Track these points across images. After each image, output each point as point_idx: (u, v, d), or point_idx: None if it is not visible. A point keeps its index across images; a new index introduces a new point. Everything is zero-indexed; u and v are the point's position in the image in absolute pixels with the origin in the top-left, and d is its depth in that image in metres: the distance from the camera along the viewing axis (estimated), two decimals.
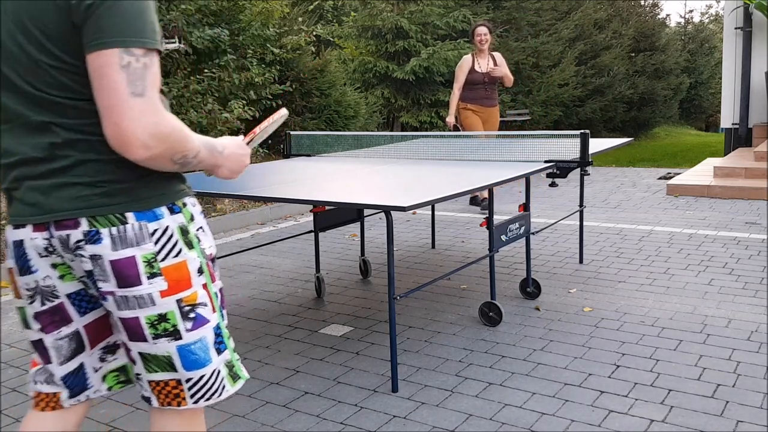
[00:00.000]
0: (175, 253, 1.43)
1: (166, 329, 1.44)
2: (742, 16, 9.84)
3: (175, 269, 1.43)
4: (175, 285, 1.43)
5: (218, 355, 1.52)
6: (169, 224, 1.43)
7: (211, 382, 1.51)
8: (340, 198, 2.79)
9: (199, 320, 1.47)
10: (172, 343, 1.46)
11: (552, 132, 4.39)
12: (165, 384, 1.49)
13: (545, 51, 13.27)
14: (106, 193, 1.38)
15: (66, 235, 1.40)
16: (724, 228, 5.81)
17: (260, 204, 6.97)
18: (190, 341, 1.47)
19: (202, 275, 1.49)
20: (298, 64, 9.15)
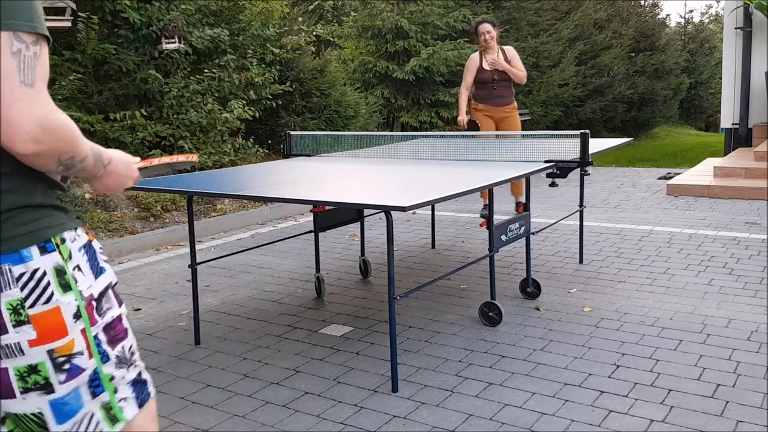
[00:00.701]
0: (46, 298, 1.26)
1: (36, 382, 1.28)
2: (742, 16, 9.84)
3: (45, 317, 1.26)
4: (45, 334, 1.26)
5: (92, 399, 1.36)
6: (39, 266, 1.25)
7: (84, 426, 1.35)
8: (340, 198, 2.79)
9: (73, 371, 1.31)
10: (43, 398, 1.29)
11: (552, 132, 4.39)
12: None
13: (545, 51, 13.27)
14: None
15: None
16: (724, 228, 5.81)
17: (260, 204, 6.97)
18: (63, 393, 1.31)
19: (79, 320, 1.31)
20: (298, 64, 9.15)
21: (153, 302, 4.24)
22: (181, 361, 3.29)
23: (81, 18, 6.55)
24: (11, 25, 1.16)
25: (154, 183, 3.47)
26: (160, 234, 5.90)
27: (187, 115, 7.11)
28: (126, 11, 6.87)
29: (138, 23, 6.98)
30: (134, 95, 7.21)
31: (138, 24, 6.99)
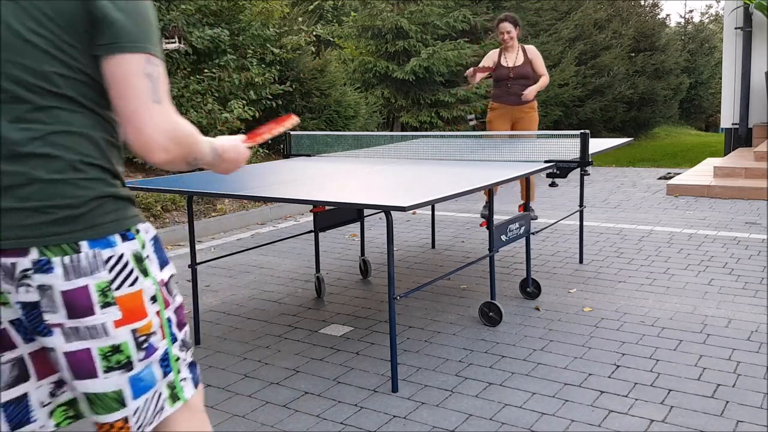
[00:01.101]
0: (131, 281, 1.37)
1: (119, 361, 1.38)
2: (742, 16, 9.84)
3: (130, 299, 1.37)
4: (129, 315, 1.37)
5: (163, 378, 1.46)
6: (123, 252, 1.37)
7: (153, 403, 1.45)
8: (340, 198, 2.79)
9: (149, 350, 1.42)
10: (123, 375, 1.39)
11: (552, 132, 4.39)
12: (110, 426, 1.43)
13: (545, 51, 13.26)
14: (58, 221, 1.30)
15: (11, 263, 1.31)
16: (724, 228, 5.81)
17: (260, 204, 6.97)
18: (140, 370, 1.41)
19: (155, 303, 1.43)
20: (298, 64, 9.14)
21: None
22: None
23: None
24: (145, 48, 1.32)
25: (154, 183, 3.47)
26: (160, 234, 5.91)
27: (187, 115, 7.11)
28: None
29: None
30: None
31: None
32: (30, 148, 1.28)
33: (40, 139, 1.29)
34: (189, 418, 1.53)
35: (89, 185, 1.33)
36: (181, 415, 1.52)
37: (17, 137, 1.28)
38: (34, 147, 1.28)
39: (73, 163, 1.31)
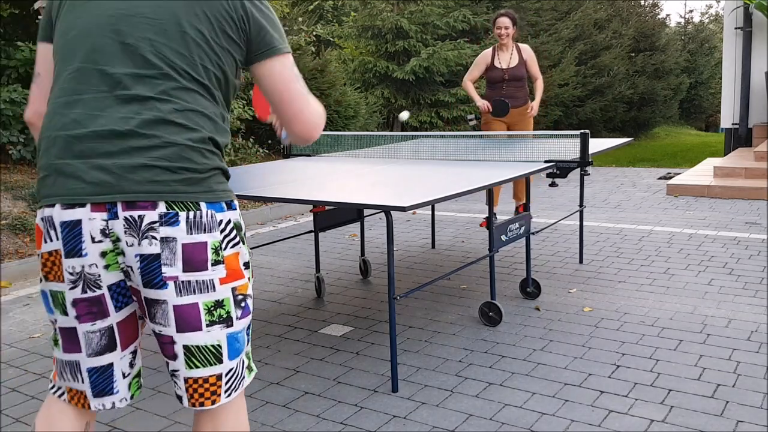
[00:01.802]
0: (234, 244, 1.53)
1: (221, 316, 1.51)
2: (742, 16, 9.84)
3: (233, 259, 1.52)
4: (231, 273, 1.51)
5: (246, 345, 1.60)
6: (231, 217, 1.53)
7: (240, 369, 1.57)
8: (340, 198, 2.79)
9: (246, 309, 1.56)
10: (224, 331, 1.52)
11: (552, 132, 4.39)
12: (204, 381, 1.52)
13: (545, 51, 13.26)
14: (185, 180, 1.45)
15: (139, 216, 1.43)
16: (724, 228, 5.81)
17: (260, 204, 6.97)
18: (238, 329, 1.54)
19: (248, 269, 1.58)
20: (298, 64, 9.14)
21: None
22: None
23: None
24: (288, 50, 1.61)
25: None
26: None
27: None
28: None
29: None
30: None
31: None
32: (172, 117, 1.45)
33: (181, 112, 1.47)
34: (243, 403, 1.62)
35: (211, 157, 1.50)
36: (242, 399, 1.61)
37: (162, 107, 1.45)
38: (174, 116, 1.46)
39: (204, 137, 1.49)
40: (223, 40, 1.52)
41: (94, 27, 1.48)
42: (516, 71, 5.81)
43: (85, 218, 1.43)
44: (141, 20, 1.47)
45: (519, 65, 5.83)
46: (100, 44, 1.47)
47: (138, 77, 1.44)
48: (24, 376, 3.15)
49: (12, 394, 2.97)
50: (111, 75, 1.45)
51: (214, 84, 1.53)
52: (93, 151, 1.42)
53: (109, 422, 2.67)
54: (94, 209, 1.43)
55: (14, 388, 3.03)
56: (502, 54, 5.85)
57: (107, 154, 1.41)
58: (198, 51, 1.49)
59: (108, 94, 1.44)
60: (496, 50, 5.88)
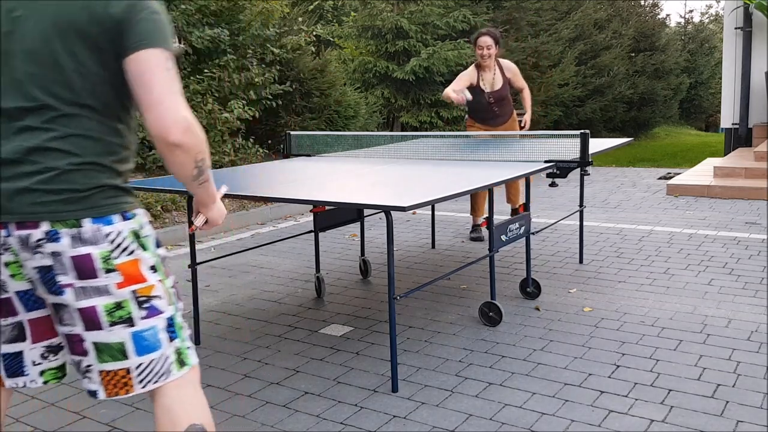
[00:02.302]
0: (128, 252, 1.61)
1: (121, 317, 1.60)
2: (742, 16, 9.84)
3: (129, 266, 1.61)
4: (129, 278, 1.60)
5: (169, 342, 1.67)
6: (122, 229, 1.61)
7: (159, 365, 1.66)
8: (340, 198, 2.79)
9: (152, 310, 1.64)
10: (126, 330, 1.61)
11: (552, 132, 4.39)
12: (114, 374, 1.64)
13: (545, 51, 13.26)
14: (66, 200, 1.56)
15: (26, 234, 1.56)
16: (724, 228, 5.81)
17: (260, 204, 6.97)
18: (142, 328, 1.63)
19: (156, 272, 1.66)
20: (298, 64, 9.14)
21: None
22: None
23: None
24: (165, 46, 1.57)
25: (154, 183, 3.47)
26: (160, 234, 5.91)
27: None
28: None
29: None
30: None
31: None
32: (53, 144, 1.55)
33: (62, 139, 1.55)
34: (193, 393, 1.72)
35: (95, 176, 1.58)
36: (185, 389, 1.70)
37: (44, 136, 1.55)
38: (56, 144, 1.55)
39: (84, 161, 1.57)
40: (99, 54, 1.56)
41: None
42: (501, 92, 5.64)
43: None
44: (24, 56, 1.55)
45: (503, 86, 5.65)
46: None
47: (26, 110, 1.55)
48: None
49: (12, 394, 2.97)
50: (5, 109, 1.57)
51: (100, 101, 1.58)
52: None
53: (109, 422, 2.67)
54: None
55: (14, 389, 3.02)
56: (485, 74, 5.62)
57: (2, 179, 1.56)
58: (75, 75, 1.55)
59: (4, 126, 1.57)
60: (479, 70, 5.63)
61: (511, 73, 5.74)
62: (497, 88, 5.62)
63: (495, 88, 5.62)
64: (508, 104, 5.80)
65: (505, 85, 5.67)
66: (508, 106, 5.81)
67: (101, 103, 1.59)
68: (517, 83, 5.80)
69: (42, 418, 2.73)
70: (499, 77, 5.65)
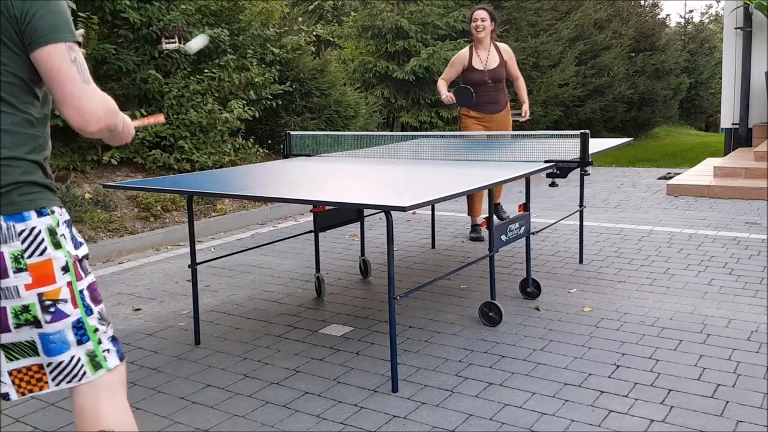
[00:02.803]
0: (41, 251, 1.58)
1: (27, 319, 1.59)
2: (742, 16, 9.83)
3: (40, 266, 1.58)
4: (39, 280, 1.58)
5: (78, 345, 1.65)
6: (36, 225, 1.58)
7: (71, 367, 1.64)
8: (340, 198, 2.79)
9: (58, 314, 1.62)
10: (34, 330, 1.60)
11: (552, 132, 4.39)
12: (27, 369, 1.64)
13: (545, 51, 13.25)
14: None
15: None
16: (724, 228, 5.81)
17: (260, 204, 6.97)
18: (49, 331, 1.61)
19: (67, 273, 1.63)
20: (298, 64, 9.14)
21: (153, 302, 4.24)
22: (181, 361, 3.29)
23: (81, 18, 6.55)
24: (65, 38, 1.56)
25: (154, 183, 3.47)
26: (160, 234, 5.91)
27: (187, 115, 7.11)
28: (126, 11, 6.87)
29: (138, 23, 6.98)
30: (134, 95, 7.20)
31: (138, 24, 6.99)
32: None
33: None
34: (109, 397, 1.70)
35: (10, 172, 1.56)
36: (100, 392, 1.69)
37: None
38: None
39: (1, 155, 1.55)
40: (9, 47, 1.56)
41: None
42: (497, 72, 5.47)
43: None
44: None
45: (500, 66, 5.49)
46: None
47: None
48: None
49: None
50: None
51: (14, 94, 1.57)
52: None
53: None
54: None
55: None
56: (481, 53, 5.44)
57: None
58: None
59: None
60: (474, 49, 5.48)
61: (508, 56, 5.60)
62: (492, 67, 5.46)
63: (489, 67, 5.45)
64: (503, 92, 5.64)
65: (501, 66, 5.52)
66: (503, 93, 5.63)
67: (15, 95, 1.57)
68: (512, 70, 5.64)
69: (42, 418, 2.73)
70: (495, 56, 5.49)
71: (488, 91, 5.50)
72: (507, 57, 5.59)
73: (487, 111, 5.57)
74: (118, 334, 3.69)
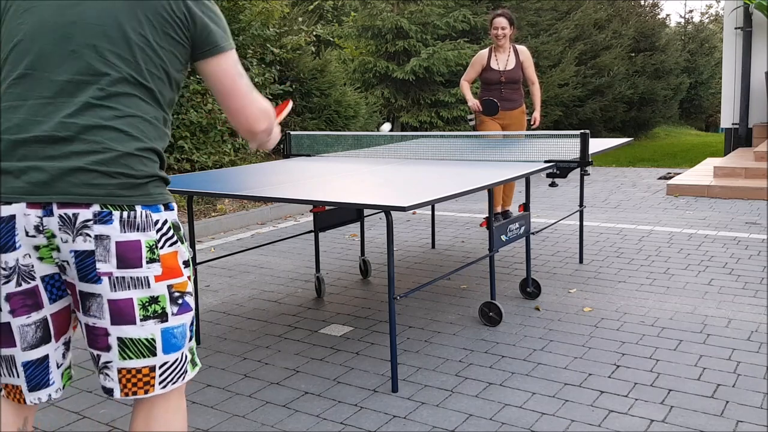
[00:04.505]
0: (171, 243, 1.58)
1: (155, 311, 1.55)
2: (742, 16, 9.84)
3: (170, 258, 1.57)
4: (168, 272, 1.56)
5: (189, 341, 1.65)
6: (168, 218, 1.58)
7: (179, 364, 1.62)
8: (340, 198, 2.79)
9: (184, 306, 1.61)
10: (158, 325, 1.56)
11: (552, 132, 4.39)
12: (137, 371, 1.57)
13: (545, 51, 13.26)
14: (121, 185, 1.50)
15: (73, 213, 1.48)
16: (724, 228, 5.81)
17: (260, 204, 6.97)
18: (174, 325, 1.59)
19: (188, 268, 1.64)
20: (298, 64, 9.14)
21: None
22: None
23: None
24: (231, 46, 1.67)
25: None
26: None
27: (187, 115, 7.11)
28: None
29: None
30: None
31: None
32: (112, 123, 1.50)
33: (122, 118, 1.51)
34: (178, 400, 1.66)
35: (151, 165, 1.55)
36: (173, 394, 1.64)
37: (103, 114, 1.50)
38: (115, 123, 1.50)
39: (145, 146, 1.54)
40: (167, 43, 1.56)
41: (39, 33, 1.52)
42: (513, 74, 5.68)
43: (20, 214, 1.49)
44: (86, 26, 1.51)
45: (516, 68, 5.69)
46: (45, 51, 1.51)
47: (81, 83, 1.49)
48: None
49: None
50: (55, 81, 1.50)
51: (158, 87, 1.58)
52: (34, 154, 1.47)
53: (109, 422, 2.67)
54: (29, 206, 1.48)
55: None
56: (499, 55, 5.70)
57: (48, 157, 1.47)
58: (142, 55, 1.53)
59: (51, 100, 1.49)
60: (493, 51, 5.73)
61: (525, 58, 5.78)
62: (510, 68, 5.67)
63: (507, 68, 5.66)
64: (519, 91, 5.79)
65: (517, 67, 5.70)
66: (519, 92, 5.78)
67: (159, 89, 1.58)
68: (529, 73, 5.81)
69: (42, 418, 2.73)
70: (513, 59, 5.69)
71: (502, 90, 5.69)
72: (524, 58, 5.77)
73: (503, 108, 5.72)
74: None
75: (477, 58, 5.79)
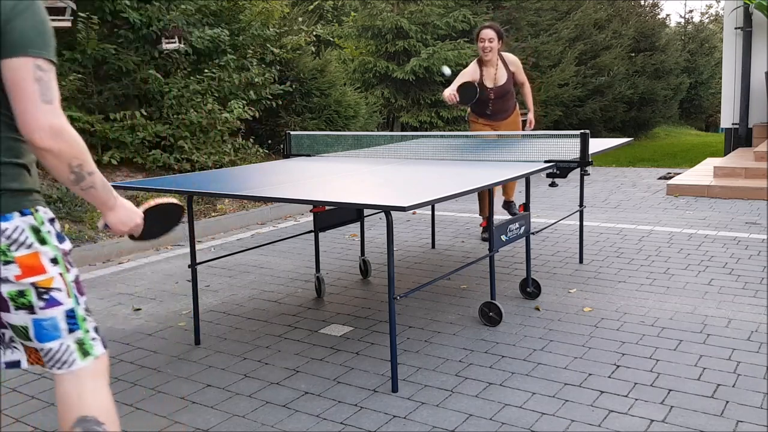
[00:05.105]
0: (26, 245, 1.66)
1: (23, 303, 1.69)
2: (742, 16, 9.83)
3: (29, 258, 1.67)
4: (28, 270, 1.67)
5: (69, 333, 1.74)
6: (20, 224, 1.66)
7: (60, 353, 1.73)
8: (340, 198, 2.80)
9: (51, 302, 1.71)
10: (28, 316, 1.70)
11: (552, 132, 4.39)
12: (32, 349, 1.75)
13: (545, 51, 13.25)
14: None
15: None
16: (724, 228, 5.81)
17: (260, 204, 6.97)
18: (42, 317, 1.70)
19: (57, 265, 1.72)
20: (298, 64, 9.14)
21: (153, 302, 4.25)
22: (181, 361, 3.29)
23: (81, 18, 6.55)
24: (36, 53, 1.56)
25: (154, 183, 3.47)
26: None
27: (187, 115, 7.11)
28: (126, 11, 6.88)
29: (138, 23, 6.98)
30: (134, 95, 7.21)
31: (138, 24, 6.99)
32: None
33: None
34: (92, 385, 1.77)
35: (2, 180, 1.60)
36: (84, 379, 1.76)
37: None
38: None
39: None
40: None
41: None
42: (503, 89, 5.52)
43: None
44: None
45: (507, 81, 5.53)
46: None
47: None
48: (24, 376, 3.15)
49: (12, 394, 2.97)
50: None
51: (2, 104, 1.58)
52: None
53: None
54: None
55: (14, 388, 3.03)
56: (487, 70, 5.49)
57: None
58: None
59: None
60: (482, 65, 5.51)
61: (515, 66, 5.64)
62: (500, 84, 5.51)
63: (498, 84, 5.50)
64: (511, 99, 5.69)
65: (509, 80, 5.57)
66: (511, 101, 5.70)
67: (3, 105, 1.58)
68: (519, 77, 5.70)
69: (42, 418, 2.73)
70: (502, 72, 5.53)
71: (496, 103, 5.58)
72: (514, 68, 5.63)
73: (496, 119, 5.66)
74: (118, 334, 3.69)
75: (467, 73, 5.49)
